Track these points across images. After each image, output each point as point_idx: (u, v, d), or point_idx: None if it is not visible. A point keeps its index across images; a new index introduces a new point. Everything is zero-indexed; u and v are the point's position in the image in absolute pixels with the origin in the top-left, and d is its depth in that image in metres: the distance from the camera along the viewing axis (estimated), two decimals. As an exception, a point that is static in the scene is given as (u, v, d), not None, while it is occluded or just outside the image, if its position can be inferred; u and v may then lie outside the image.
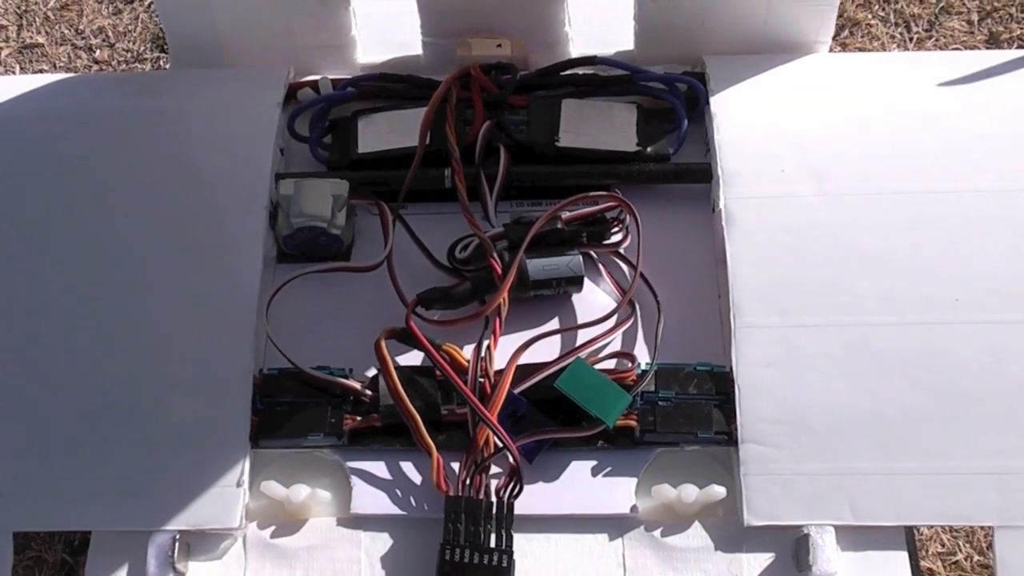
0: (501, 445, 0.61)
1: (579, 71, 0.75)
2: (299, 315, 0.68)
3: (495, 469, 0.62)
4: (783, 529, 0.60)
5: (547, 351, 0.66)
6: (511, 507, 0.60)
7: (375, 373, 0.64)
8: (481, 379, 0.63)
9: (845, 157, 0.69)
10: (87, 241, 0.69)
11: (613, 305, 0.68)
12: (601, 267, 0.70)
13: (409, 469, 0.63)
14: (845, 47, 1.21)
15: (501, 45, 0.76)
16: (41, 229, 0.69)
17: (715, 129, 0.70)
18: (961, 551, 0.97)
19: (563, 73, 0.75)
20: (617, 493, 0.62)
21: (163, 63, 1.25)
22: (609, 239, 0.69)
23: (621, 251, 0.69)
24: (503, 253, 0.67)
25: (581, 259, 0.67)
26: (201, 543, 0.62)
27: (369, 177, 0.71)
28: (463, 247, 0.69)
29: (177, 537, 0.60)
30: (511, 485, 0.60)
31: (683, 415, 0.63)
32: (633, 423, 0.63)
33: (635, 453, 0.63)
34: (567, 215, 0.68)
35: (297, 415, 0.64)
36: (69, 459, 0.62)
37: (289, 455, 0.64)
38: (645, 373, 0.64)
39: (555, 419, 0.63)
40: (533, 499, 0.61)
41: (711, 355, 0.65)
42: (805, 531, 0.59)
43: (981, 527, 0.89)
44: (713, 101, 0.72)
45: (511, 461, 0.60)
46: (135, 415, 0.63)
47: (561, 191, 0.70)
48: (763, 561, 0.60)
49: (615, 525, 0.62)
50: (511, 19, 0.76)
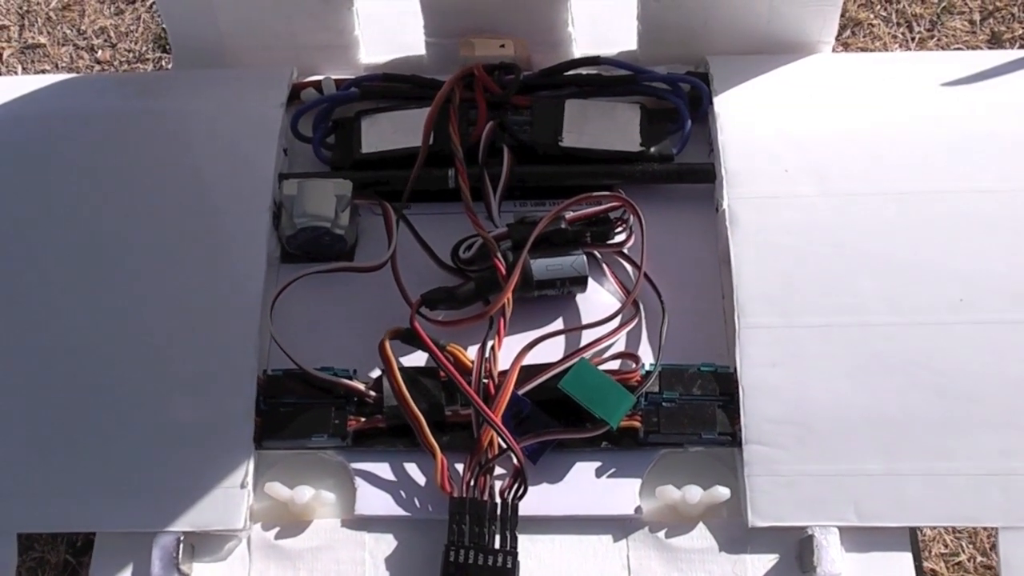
0: (505, 446, 0.60)
1: (582, 71, 0.75)
2: (303, 316, 0.68)
3: (499, 470, 0.62)
4: (787, 530, 0.60)
5: (551, 352, 0.66)
6: (515, 508, 0.60)
7: (379, 374, 0.64)
8: (485, 380, 0.63)
9: (848, 157, 0.69)
10: (90, 242, 0.69)
11: (617, 305, 0.68)
12: (605, 267, 0.69)
13: (413, 470, 0.63)
14: (847, 47, 1.21)
15: (504, 45, 0.76)
16: (44, 230, 0.69)
17: (718, 129, 0.70)
18: (964, 552, 0.97)
19: (566, 73, 0.75)
20: (621, 494, 0.62)
21: (165, 63, 1.25)
22: (613, 239, 0.69)
23: (625, 251, 0.69)
24: (507, 253, 0.67)
25: (585, 259, 0.67)
26: (205, 544, 0.61)
27: (373, 177, 0.71)
28: (467, 247, 0.69)
29: (181, 538, 0.60)
30: (515, 486, 0.60)
31: (687, 416, 0.63)
32: (637, 424, 0.63)
33: (639, 454, 0.63)
34: (571, 215, 0.68)
35: (301, 416, 0.64)
36: (73, 460, 0.62)
37: (293, 456, 0.64)
38: (649, 374, 0.64)
39: (559, 420, 0.63)
40: (537, 500, 0.61)
41: (715, 356, 0.65)
42: (809, 532, 0.59)
43: (985, 528, 0.88)
44: (716, 101, 0.72)
45: (515, 462, 0.60)
46: (139, 416, 0.63)
47: (565, 191, 0.70)
48: (767, 562, 0.60)
49: (619, 526, 0.62)
50: (514, 19, 0.75)
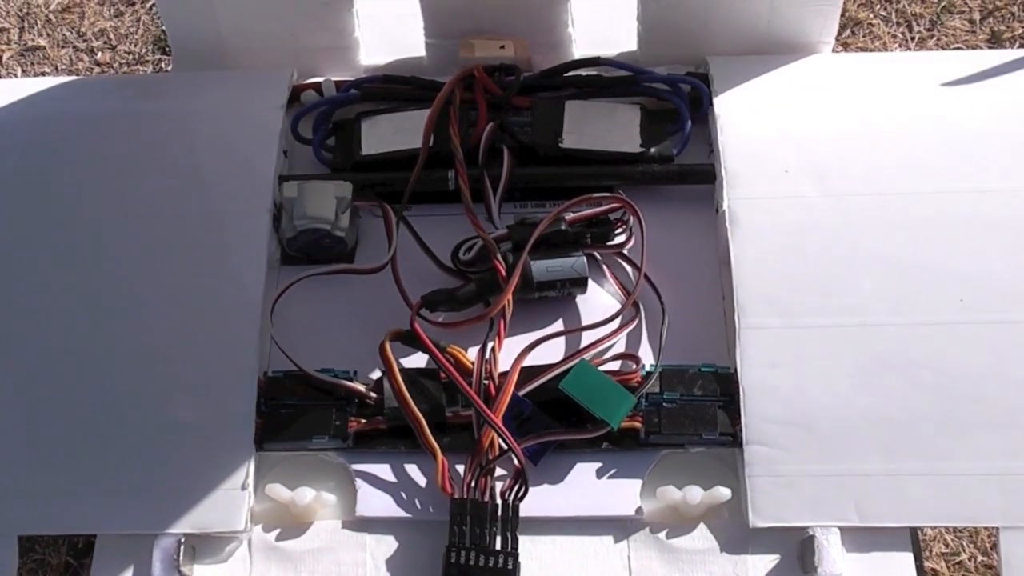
0: (506, 447, 0.60)
1: (582, 72, 0.75)
2: (303, 317, 0.68)
3: (500, 471, 0.62)
4: (788, 530, 0.60)
5: (551, 353, 0.65)
6: (516, 509, 0.60)
7: (380, 375, 0.64)
8: (486, 381, 0.63)
9: (849, 157, 0.69)
10: (90, 244, 0.69)
11: (617, 306, 0.68)
12: (605, 268, 0.69)
13: (414, 471, 0.63)
14: (847, 47, 1.21)
15: (504, 47, 0.76)
16: (45, 232, 0.69)
17: (719, 130, 0.70)
18: (965, 551, 0.97)
19: (566, 74, 0.75)
20: (622, 495, 0.62)
21: (165, 65, 1.25)
22: (613, 240, 0.69)
23: (625, 252, 0.69)
24: (507, 255, 0.67)
25: (585, 260, 0.67)
26: (206, 546, 0.61)
27: (373, 179, 0.71)
28: (467, 249, 0.69)
29: (182, 540, 0.60)
30: (516, 487, 0.60)
31: (688, 417, 0.63)
32: (638, 425, 0.63)
33: (640, 455, 0.63)
34: (571, 216, 0.68)
35: (302, 418, 0.63)
36: (74, 462, 0.62)
37: (294, 458, 0.64)
38: (650, 375, 0.64)
39: (560, 421, 0.63)
40: (538, 501, 0.61)
41: (715, 356, 0.65)
42: (810, 532, 0.59)
43: (985, 528, 0.88)
44: (717, 102, 0.72)
45: (516, 463, 0.60)
46: (140, 418, 0.63)
47: (565, 192, 0.70)
48: (768, 562, 0.60)
49: (620, 527, 0.62)
50: (514, 20, 0.75)
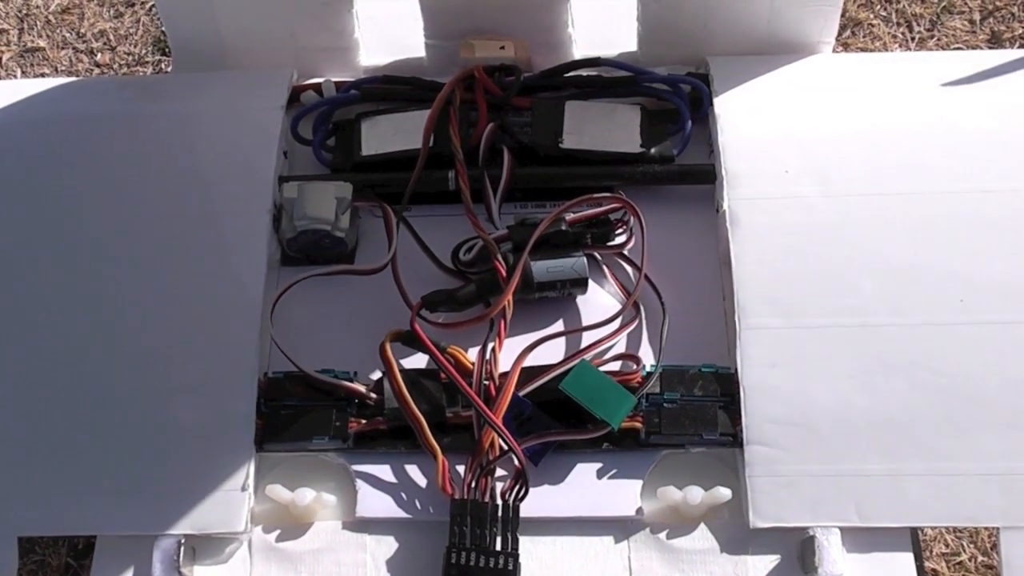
0: (506, 448, 0.60)
1: (583, 73, 0.75)
2: (303, 318, 0.68)
3: (500, 472, 0.62)
4: (789, 531, 0.60)
5: (552, 353, 0.65)
6: (517, 510, 0.60)
7: (380, 376, 0.64)
8: (486, 381, 0.63)
9: (849, 158, 0.69)
10: (91, 245, 0.69)
11: (618, 307, 0.68)
12: (605, 269, 0.69)
13: (414, 472, 0.63)
14: (847, 47, 1.21)
15: (504, 47, 0.76)
16: (45, 233, 0.69)
17: (719, 130, 0.70)
18: (965, 551, 0.97)
19: (567, 75, 0.75)
20: (622, 495, 0.62)
21: (165, 66, 1.25)
22: (613, 241, 0.69)
23: (625, 253, 0.69)
24: (507, 255, 0.67)
25: (585, 261, 0.67)
26: (206, 547, 0.61)
27: (373, 179, 0.71)
28: (467, 249, 0.69)
29: (182, 541, 0.60)
30: (516, 488, 0.60)
31: (688, 417, 0.63)
32: (638, 425, 0.63)
33: (640, 455, 0.63)
34: (571, 217, 0.68)
35: (302, 418, 0.63)
36: (74, 463, 0.62)
37: (294, 458, 0.64)
38: (650, 375, 0.64)
39: (560, 421, 0.62)
40: (539, 502, 0.61)
41: (716, 357, 0.65)
42: (811, 533, 0.59)
43: (986, 528, 0.88)
44: (717, 102, 0.72)
45: (516, 464, 0.60)
46: (140, 419, 0.63)
47: (565, 193, 0.70)
48: (769, 563, 0.60)
49: (620, 527, 0.62)
50: (514, 21, 0.75)
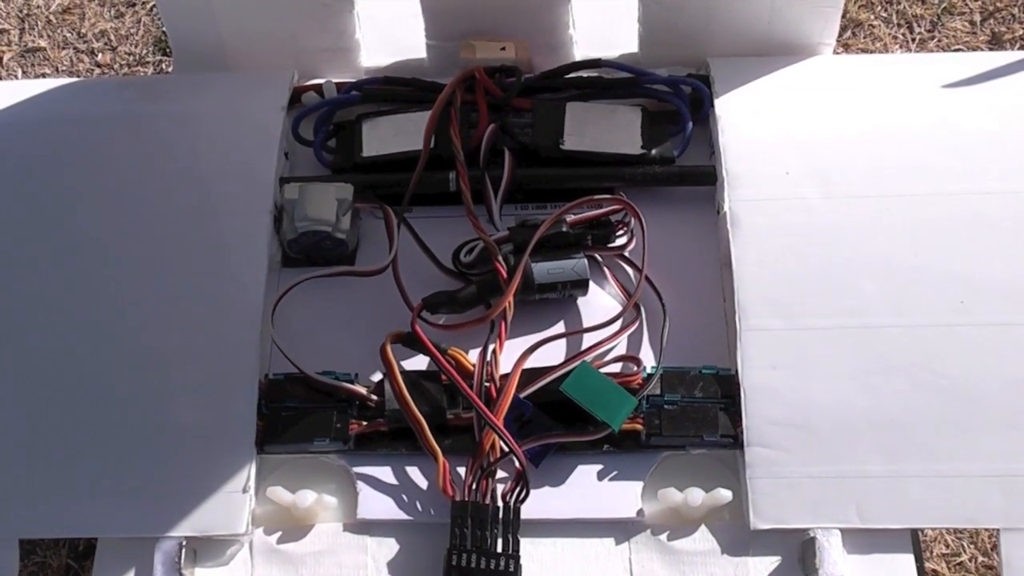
0: (507, 449, 0.60)
1: (583, 74, 0.75)
2: (304, 319, 0.68)
3: (501, 473, 0.62)
4: (789, 532, 0.60)
5: (552, 355, 0.65)
6: (517, 511, 0.60)
7: (381, 378, 0.64)
8: (487, 383, 0.63)
9: (850, 159, 0.69)
10: (92, 246, 0.69)
11: (618, 308, 0.68)
12: (606, 270, 0.69)
13: (415, 474, 0.63)
14: (848, 48, 1.21)
15: (505, 48, 0.76)
16: (46, 234, 0.69)
17: (720, 131, 0.70)
18: (965, 552, 0.97)
19: (567, 76, 0.75)
20: (623, 497, 0.62)
21: (165, 66, 1.25)
22: (614, 242, 0.69)
23: (626, 254, 0.69)
24: (508, 256, 0.67)
25: (586, 262, 0.67)
26: (207, 549, 0.61)
27: (374, 181, 0.71)
28: (468, 251, 0.69)
29: (183, 543, 0.60)
30: (517, 489, 0.60)
31: (689, 418, 0.63)
32: (639, 427, 0.63)
33: (641, 457, 0.63)
34: (572, 218, 0.68)
35: (303, 420, 0.63)
36: (75, 465, 0.62)
37: (295, 460, 0.64)
38: (651, 376, 0.64)
39: (561, 423, 0.62)
40: (539, 503, 0.61)
41: (716, 358, 0.65)
42: (811, 534, 0.59)
43: (986, 529, 0.88)
44: (718, 103, 0.72)
45: (517, 465, 0.60)
46: (141, 420, 0.63)
47: (566, 194, 0.70)
48: (769, 564, 0.60)
49: (621, 529, 0.62)
50: (515, 22, 0.75)
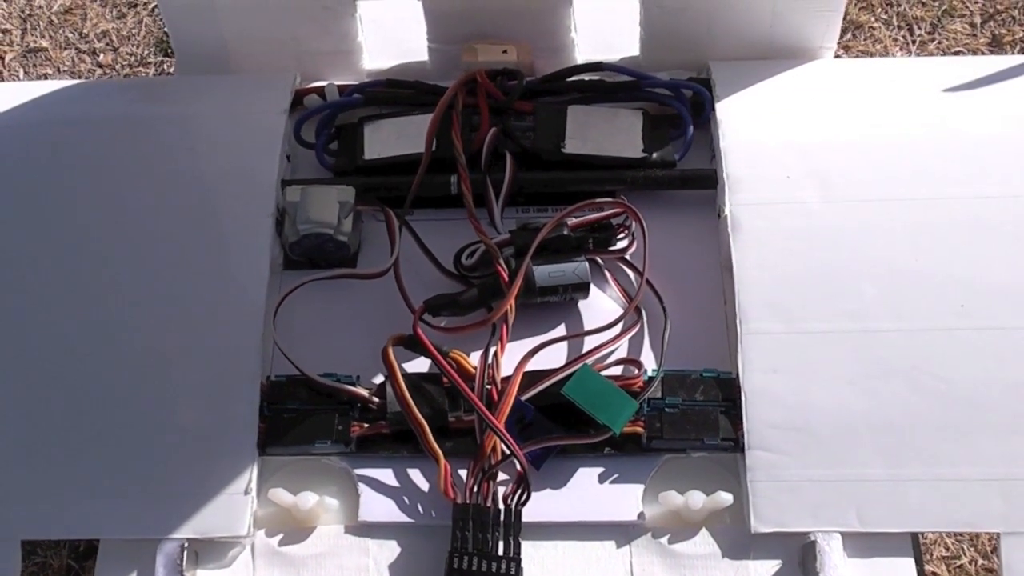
0: (508, 452, 0.61)
1: (585, 77, 0.76)
2: (306, 322, 0.68)
3: (503, 476, 0.62)
4: (790, 536, 0.60)
5: (554, 358, 0.66)
6: (519, 514, 0.60)
7: (382, 380, 0.64)
8: (488, 386, 0.63)
9: (851, 163, 0.69)
10: (93, 248, 0.69)
11: (619, 311, 0.68)
12: (607, 273, 0.70)
13: (417, 476, 0.63)
14: (848, 50, 1.21)
15: (507, 51, 0.76)
16: (48, 236, 0.69)
17: (721, 135, 0.70)
18: (965, 555, 0.97)
19: (569, 79, 0.75)
20: (624, 500, 0.62)
21: (167, 67, 1.25)
22: (615, 245, 0.70)
23: (627, 257, 0.70)
24: (509, 260, 0.67)
25: (587, 265, 0.67)
26: (209, 551, 0.61)
27: (375, 183, 0.71)
28: (469, 254, 0.69)
29: (185, 545, 0.60)
30: (519, 492, 0.60)
31: (690, 422, 0.63)
32: (640, 430, 0.63)
33: (642, 460, 0.63)
34: (573, 221, 0.68)
35: (305, 422, 0.64)
36: (77, 467, 0.62)
37: (297, 462, 0.64)
38: (652, 380, 0.64)
39: (562, 426, 0.63)
40: (541, 506, 0.61)
41: (717, 361, 0.65)
42: (812, 538, 0.59)
43: (987, 533, 0.88)
44: (719, 107, 0.72)
45: (518, 468, 0.61)
46: (143, 422, 0.63)
47: (567, 197, 0.70)
48: (770, 568, 0.60)
49: (622, 532, 0.62)
50: (517, 25, 0.76)
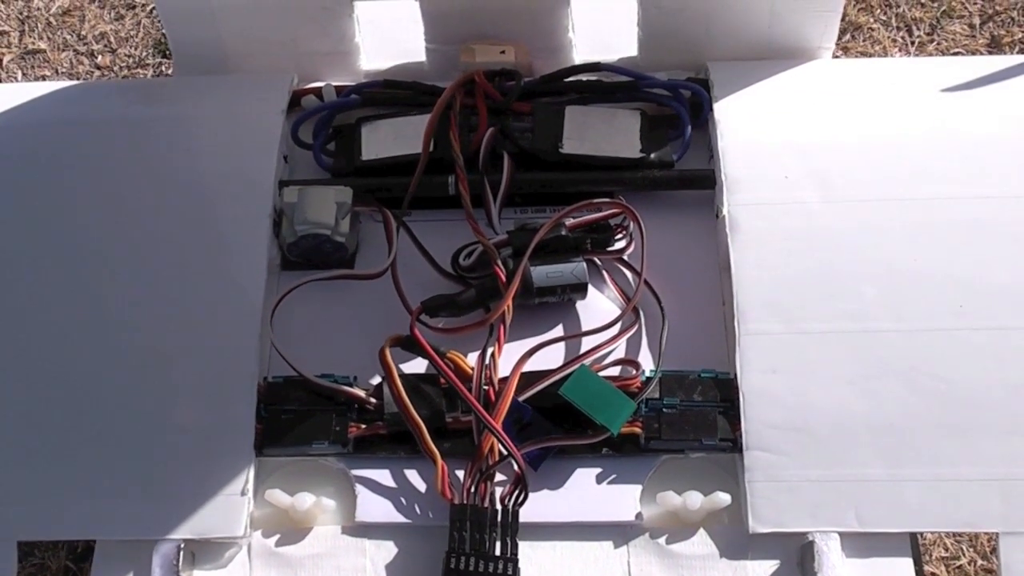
0: (506, 453, 0.60)
1: (583, 77, 0.75)
2: (303, 323, 0.68)
3: (500, 477, 0.62)
4: (788, 536, 0.60)
5: (552, 358, 0.66)
6: (516, 515, 0.60)
7: (380, 381, 0.64)
8: (486, 387, 0.63)
9: (849, 163, 0.69)
10: (91, 249, 0.69)
11: (617, 312, 0.68)
12: (605, 274, 0.69)
13: (414, 477, 0.63)
14: (847, 51, 1.21)
15: (505, 51, 0.76)
16: (45, 237, 0.69)
17: (719, 135, 0.70)
18: (964, 555, 0.97)
19: (567, 80, 0.75)
20: (622, 500, 0.62)
21: (165, 69, 1.25)
22: (613, 246, 0.70)
23: (625, 258, 0.70)
24: (507, 260, 0.67)
25: (585, 266, 0.67)
26: (206, 552, 0.61)
27: (373, 184, 0.71)
28: (467, 254, 0.69)
29: (182, 546, 0.60)
30: (516, 493, 0.60)
31: (688, 422, 0.63)
32: (638, 430, 0.63)
33: (640, 460, 0.63)
34: (571, 222, 0.68)
35: (302, 423, 0.64)
36: (74, 467, 0.62)
37: (294, 463, 0.64)
38: (649, 380, 0.64)
39: (560, 426, 0.63)
40: (538, 507, 0.61)
41: (715, 362, 0.65)
42: (810, 538, 0.59)
43: (985, 533, 0.88)
44: (717, 107, 0.72)
45: (516, 469, 0.60)
46: (140, 423, 0.63)
47: (565, 198, 0.70)
48: (768, 568, 0.60)
49: (620, 532, 0.62)
50: (515, 25, 0.76)
